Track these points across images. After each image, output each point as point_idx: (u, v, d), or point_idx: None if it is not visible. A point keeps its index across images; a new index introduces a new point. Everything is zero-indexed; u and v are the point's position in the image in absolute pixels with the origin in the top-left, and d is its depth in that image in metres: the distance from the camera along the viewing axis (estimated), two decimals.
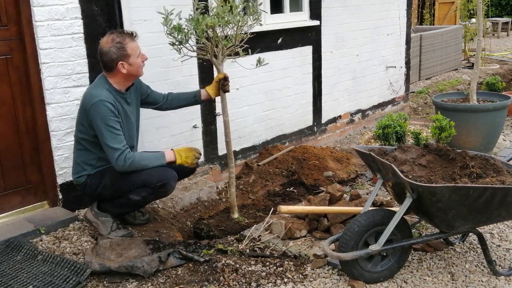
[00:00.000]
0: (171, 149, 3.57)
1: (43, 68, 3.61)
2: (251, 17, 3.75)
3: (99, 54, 3.37)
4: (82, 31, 3.77)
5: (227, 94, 3.95)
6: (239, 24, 3.68)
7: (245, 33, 3.81)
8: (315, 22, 5.66)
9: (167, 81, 4.32)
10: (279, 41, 5.17)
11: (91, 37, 3.80)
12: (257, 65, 3.95)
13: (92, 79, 3.85)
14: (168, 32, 3.69)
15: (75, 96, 3.79)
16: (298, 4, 5.65)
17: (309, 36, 5.66)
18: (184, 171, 3.70)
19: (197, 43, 3.85)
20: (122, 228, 3.58)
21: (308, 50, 5.68)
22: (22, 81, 3.64)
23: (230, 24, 3.65)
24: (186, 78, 4.47)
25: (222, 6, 3.57)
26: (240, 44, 3.79)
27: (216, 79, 3.86)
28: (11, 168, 3.68)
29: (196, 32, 3.64)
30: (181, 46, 3.73)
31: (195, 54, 3.86)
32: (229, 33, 3.74)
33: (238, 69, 4.56)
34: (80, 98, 3.82)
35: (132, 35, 3.39)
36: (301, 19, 5.61)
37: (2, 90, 3.57)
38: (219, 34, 3.67)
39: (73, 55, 3.74)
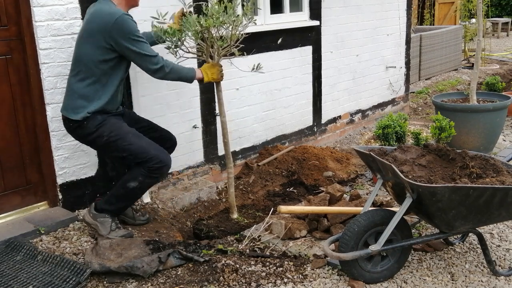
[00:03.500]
0: (197, 68, 3.67)
1: (43, 68, 3.61)
2: (245, 17, 3.74)
3: None
4: None
5: (226, 94, 3.95)
6: (234, 24, 3.68)
7: (240, 34, 3.80)
8: (315, 22, 5.66)
9: (167, 81, 4.31)
10: (279, 41, 5.17)
11: None
12: (253, 69, 3.94)
13: None
14: (160, 39, 3.65)
15: None
16: (298, 4, 5.65)
17: (309, 36, 5.66)
18: (165, 146, 3.67)
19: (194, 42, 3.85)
20: (122, 228, 3.57)
21: (308, 50, 5.68)
22: (22, 81, 3.64)
23: (225, 25, 3.65)
24: None
25: (216, 6, 3.57)
26: (236, 44, 3.78)
27: (178, 14, 3.79)
28: (11, 168, 3.68)
29: (189, 34, 3.63)
30: (177, 49, 3.72)
31: (191, 55, 3.85)
32: (224, 33, 3.74)
33: (238, 69, 4.56)
34: None
35: None
36: (301, 19, 5.61)
37: (2, 90, 3.57)
38: (214, 35, 3.67)
39: None
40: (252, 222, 3.98)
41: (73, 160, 3.85)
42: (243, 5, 3.79)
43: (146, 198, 4.18)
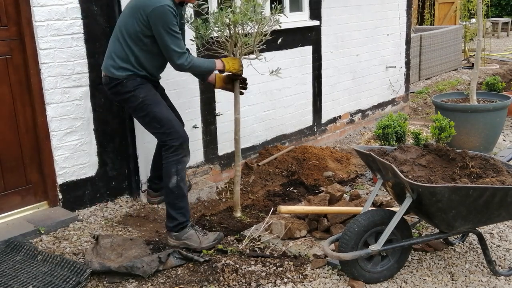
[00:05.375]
0: (218, 59, 3.73)
1: (43, 68, 3.62)
2: (272, 17, 3.81)
3: None
4: (82, 31, 3.77)
5: (226, 94, 3.96)
6: (261, 22, 3.73)
7: (265, 34, 3.86)
8: (315, 22, 5.66)
9: (168, 81, 4.31)
10: (279, 41, 5.17)
11: (91, 37, 3.80)
12: (271, 73, 4.01)
13: (92, 79, 3.85)
14: (192, 27, 3.80)
15: (75, 96, 3.79)
16: (298, 4, 5.65)
17: (309, 36, 5.66)
18: None
19: (216, 41, 3.89)
20: (208, 231, 3.57)
21: (308, 50, 5.68)
22: (22, 81, 3.64)
23: (252, 22, 3.72)
24: (186, 78, 4.46)
25: (246, 3, 3.65)
26: (259, 46, 3.82)
27: (233, 76, 3.88)
28: (11, 168, 3.68)
29: (217, 27, 3.71)
30: (203, 40, 3.81)
31: (213, 52, 3.90)
32: (249, 31, 3.80)
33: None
34: (80, 98, 3.83)
35: None
36: (301, 19, 5.60)
37: (2, 90, 3.57)
38: (239, 32, 3.70)
39: (73, 55, 3.74)
40: (255, 222, 3.97)
41: (73, 160, 3.85)
42: (271, 7, 3.87)
43: (144, 198, 4.19)
